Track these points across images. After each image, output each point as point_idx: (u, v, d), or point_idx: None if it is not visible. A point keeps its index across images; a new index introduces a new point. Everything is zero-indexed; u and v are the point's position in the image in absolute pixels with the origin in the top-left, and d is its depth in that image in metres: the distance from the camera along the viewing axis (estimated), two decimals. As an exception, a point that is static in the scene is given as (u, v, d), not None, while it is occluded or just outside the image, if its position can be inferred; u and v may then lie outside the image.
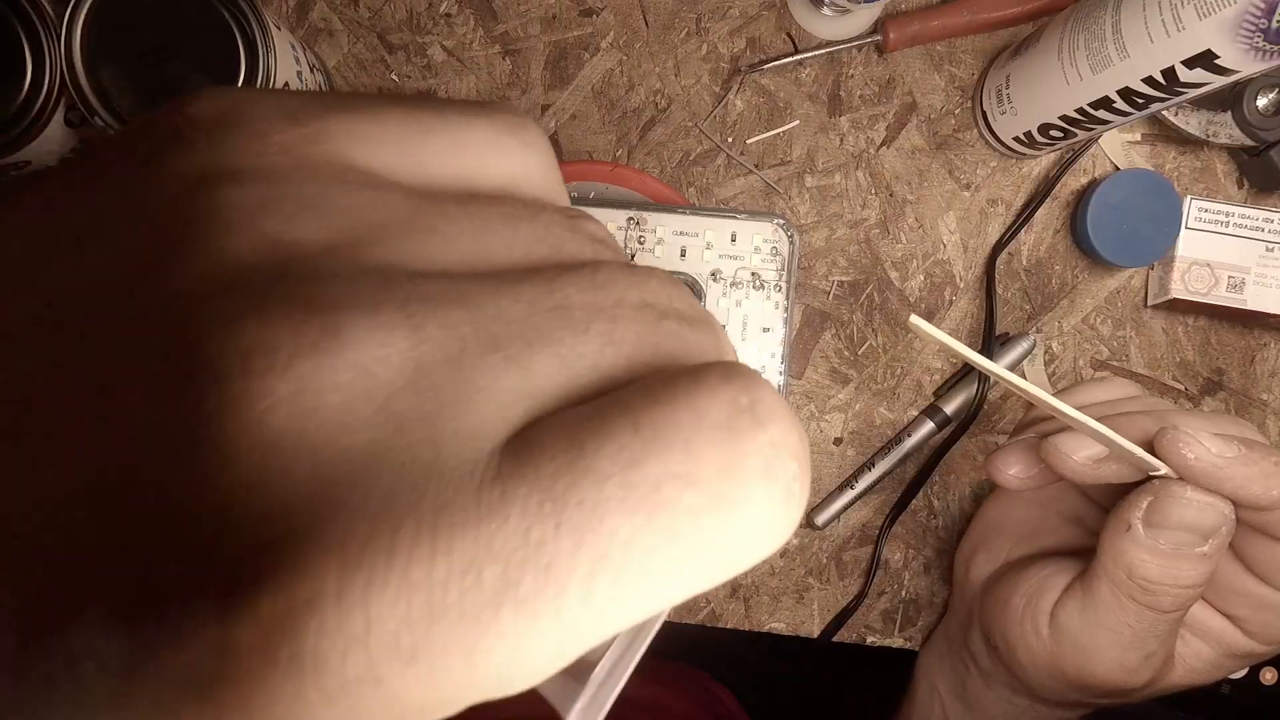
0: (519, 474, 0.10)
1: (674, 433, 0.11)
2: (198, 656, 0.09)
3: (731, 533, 0.11)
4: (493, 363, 0.11)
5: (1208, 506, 0.30)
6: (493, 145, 0.14)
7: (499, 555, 0.10)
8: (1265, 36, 0.32)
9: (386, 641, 0.10)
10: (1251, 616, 0.34)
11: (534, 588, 0.10)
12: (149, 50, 0.35)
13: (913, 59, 0.47)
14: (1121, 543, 0.31)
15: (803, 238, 0.47)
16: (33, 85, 0.34)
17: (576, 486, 0.10)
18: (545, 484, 0.10)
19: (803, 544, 0.48)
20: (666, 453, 0.11)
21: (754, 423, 0.11)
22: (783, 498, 0.11)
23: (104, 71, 0.34)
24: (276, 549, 0.09)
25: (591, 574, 0.10)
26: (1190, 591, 0.31)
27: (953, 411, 0.47)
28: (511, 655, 0.10)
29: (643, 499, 0.11)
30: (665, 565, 0.11)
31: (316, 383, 0.10)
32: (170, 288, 0.10)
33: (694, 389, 0.11)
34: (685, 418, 0.11)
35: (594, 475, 0.10)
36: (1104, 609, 0.32)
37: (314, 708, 0.09)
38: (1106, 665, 0.33)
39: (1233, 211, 0.46)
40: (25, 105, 0.34)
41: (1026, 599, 0.36)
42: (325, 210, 0.11)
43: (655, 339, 0.12)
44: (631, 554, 0.10)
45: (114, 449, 0.10)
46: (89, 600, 0.09)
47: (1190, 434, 0.29)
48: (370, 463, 0.10)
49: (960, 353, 0.27)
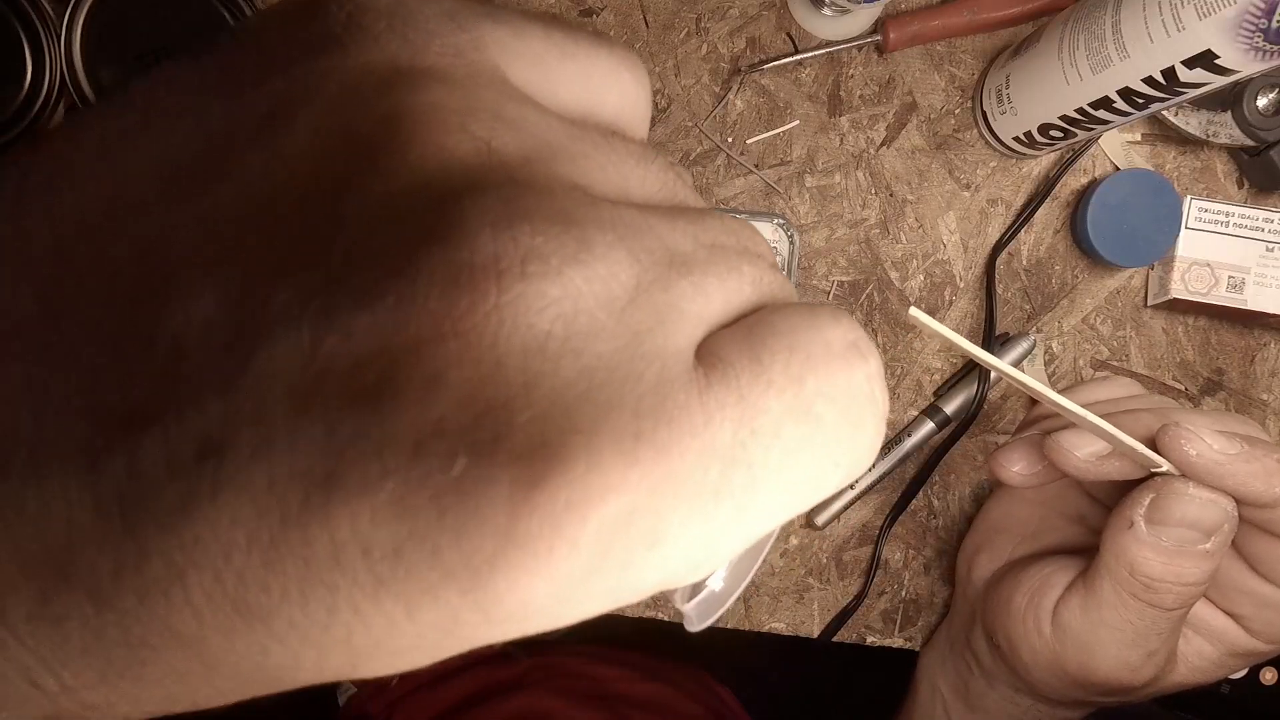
0: (721, 383, 0.11)
1: (815, 359, 0.12)
2: (478, 544, 0.10)
3: (852, 445, 0.12)
4: (684, 287, 0.12)
5: (1210, 503, 0.30)
6: (613, 78, 0.14)
7: (717, 454, 0.11)
8: (1265, 36, 0.32)
9: (644, 528, 0.10)
10: (1254, 615, 0.33)
11: (738, 485, 0.11)
12: (149, 50, 0.35)
13: (913, 59, 0.47)
14: (1124, 540, 0.31)
15: (803, 238, 0.47)
16: (33, 85, 0.34)
17: (764, 395, 0.11)
18: (741, 390, 0.11)
19: (803, 544, 0.48)
20: (817, 372, 0.12)
21: (860, 356, 0.13)
22: (878, 420, 0.13)
23: (104, 71, 0.34)
24: (563, 444, 0.10)
25: (766, 475, 0.11)
26: (1193, 589, 0.31)
27: (953, 411, 0.47)
28: (711, 539, 0.11)
29: (804, 411, 0.12)
30: (805, 472, 0.12)
31: (576, 290, 0.10)
32: (395, 185, 0.11)
33: (816, 323, 0.12)
34: (818, 347, 0.12)
35: (775, 388, 0.11)
36: (1106, 607, 0.32)
37: (574, 588, 0.10)
38: (1109, 663, 0.33)
39: (1233, 211, 0.46)
40: (25, 105, 0.34)
41: (1029, 597, 0.36)
42: (512, 123, 0.12)
43: (770, 281, 0.13)
44: (790, 459, 0.12)
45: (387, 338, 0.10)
46: (371, 485, 0.10)
47: (1193, 430, 0.29)
48: (619, 368, 0.11)
49: (961, 346, 0.27)
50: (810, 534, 0.48)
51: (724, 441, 0.11)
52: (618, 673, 0.55)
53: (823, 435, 0.12)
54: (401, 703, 0.55)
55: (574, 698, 0.52)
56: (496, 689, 0.54)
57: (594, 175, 0.12)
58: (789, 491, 0.12)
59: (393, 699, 0.56)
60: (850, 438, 0.12)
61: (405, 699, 0.56)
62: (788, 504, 0.12)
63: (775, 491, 0.12)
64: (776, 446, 0.11)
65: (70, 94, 0.35)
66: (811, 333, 0.12)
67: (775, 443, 0.11)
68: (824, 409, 0.12)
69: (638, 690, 0.54)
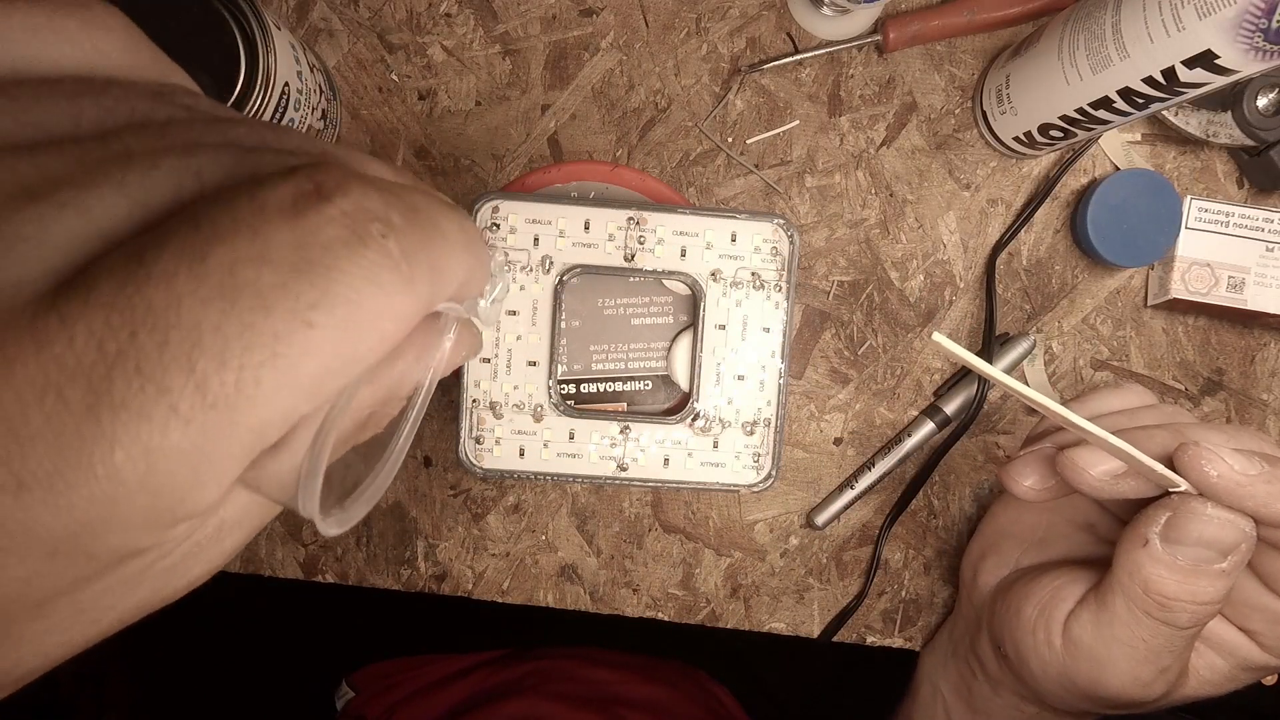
0: (77, 298, 0.11)
1: (236, 223, 0.12)
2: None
3: (337, 301, 0.12)
4: (34, 212, 0.12)
5: (1228, 523, 0.29)
6: (44, 31, 0.14)
7: (75, 373, 0.11)
8: (1265, 36, 0.32)
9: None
10: (1268, 631, 0.33)
11: (129, 390, 0.11)
12: (149, 50, 0.34)
13: (913, 59, 0.47)
14: (1138, 557, 0.31)
15: (803, 238, 0.47)
16: (32, 85, 0.34)
17: (142, 292, 0.11)
18: (108, 299, 0.11)
19: (803, 544, 0.48)
20: (232, 240, 0.11)
21: (321, 199, 0.12)
22: (377, 255, 0.12)
23: (104, 71, 0.34)
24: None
25: (192, 363, 0.11)
26: (1208, 608, 0.31)
27: (953, 411, 0.47)
28: (136, 455, 0.11)
29: (219, 284, 0.11)
30: (276, 338, 0.12)
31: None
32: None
33: (254, 187, 0.12)
34: (245, 209, 0.12)
35: (158, 277, 0.11)
36: (1119, 623, 0.32)
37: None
38: (1120, 679, 0.33)
39: (1233, 211, 0.46)
40: (25, 105, 0.34)
41: (1039, 609, 0.35)
42: None
43: (248, 166, 0.13)
44: (228, 334, 0.11)
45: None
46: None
47: (1213, 450, 0.29)
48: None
49: (985, 371, 0.26)
50: (810, 534, 0.48)
51: (84, 359, 0.11)
52: (615, 675, 0.55)
53: (259, 300, 0.12)
54: (399, 707, 0.55)
55: (572, 701, 0.52)
56: (494, 693, 0.54)
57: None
58: (250, 368, 0.12)
59: (391, 703, 0.56)
60: (319, 293, 0.12)
61: (403, 703, 0.55)
62: (271, 378, 0.12)
63: (219, 377, 0.11)
64: (176, 339, 0.11)
65: (70, 94, 0.35)
66: (236, 200, 0.12)
67: (176, 334, 0.11)
68: (253, 273, 0.12)
69: (635, 692, 0.54)
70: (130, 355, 0.11)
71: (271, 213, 0.12)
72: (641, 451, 0.37)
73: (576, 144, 0.46)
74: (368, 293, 0.12)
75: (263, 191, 0.12)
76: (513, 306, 0.36)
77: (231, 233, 0.12)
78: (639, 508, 0.47)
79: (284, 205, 0.12)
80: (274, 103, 0.37)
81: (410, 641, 0.61)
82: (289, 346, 0.12)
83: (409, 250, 0.13)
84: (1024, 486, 0.34)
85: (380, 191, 0.13)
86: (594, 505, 0.47)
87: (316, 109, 0.41)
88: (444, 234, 0.14)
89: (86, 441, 0.11)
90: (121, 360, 0.11)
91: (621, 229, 0.36)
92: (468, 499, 0.47)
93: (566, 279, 0.35)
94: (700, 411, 0.36)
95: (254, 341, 0.11)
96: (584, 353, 0.37)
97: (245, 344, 0.11)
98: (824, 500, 0.48)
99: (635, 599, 0.47)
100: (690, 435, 0.36)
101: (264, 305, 0.11)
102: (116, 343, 0.11)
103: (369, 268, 0.12)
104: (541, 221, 0.35)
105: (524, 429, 0.36)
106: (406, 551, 0.47)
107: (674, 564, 0.47)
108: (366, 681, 0.59)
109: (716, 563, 0.48)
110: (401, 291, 0.13)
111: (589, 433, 0.36)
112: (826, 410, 0.48)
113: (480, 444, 0.36)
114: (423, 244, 0.13)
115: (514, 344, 0.36)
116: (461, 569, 0.47)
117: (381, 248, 0.13)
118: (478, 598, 0.47)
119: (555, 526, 0.47)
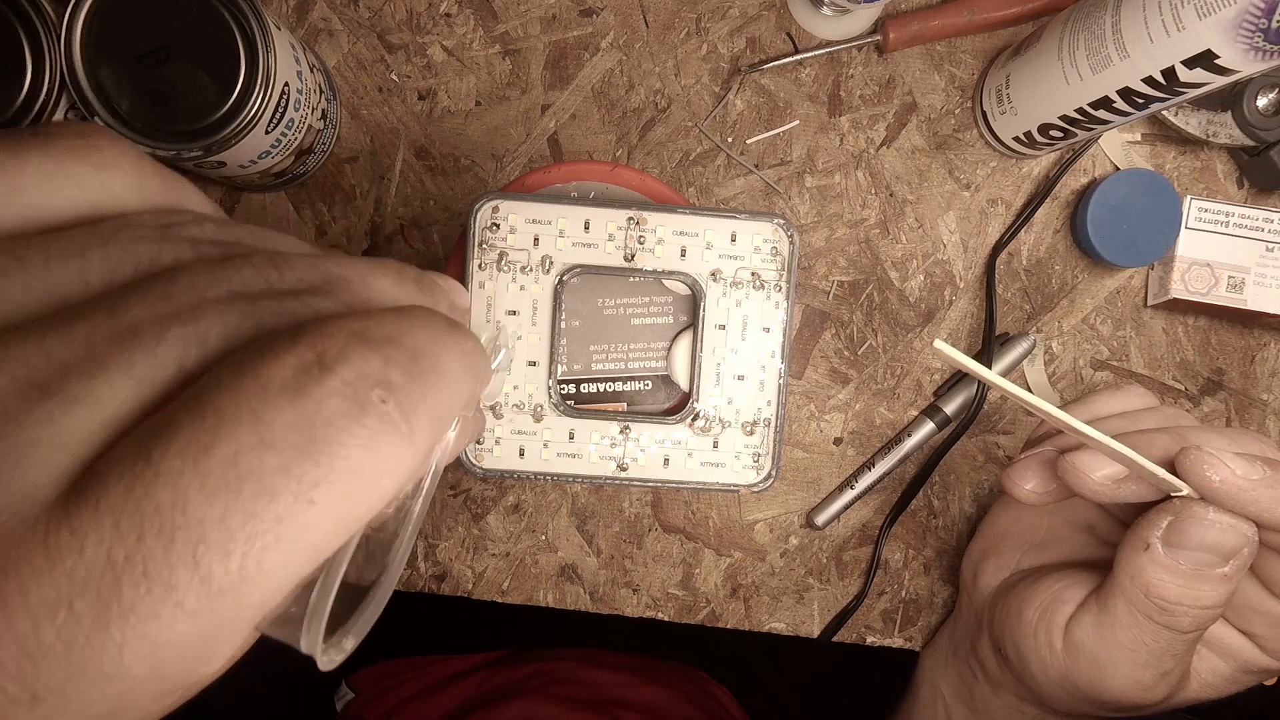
0: (86, 505, 0.11)
1: (239, 409, 0.12)
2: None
3: (339, 475, 0.12)
4: (45, 412, 0.11)
5: (1230, 528, 0.29)
6: (56, 177, 0.14)
7: (85, 585, 0.11)
8: (1265, 36, 0.32)
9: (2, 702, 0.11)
10: (1269, 634, 0.33)
11: (137, 594, 0.11)
12: (149, 50, 0.34)
13: (913, 59, 0.47)
14: (1140, 561, 0.31)
15: (803, 238, 0.47)
16: (33, 85, 0.34)
17: (149, 494, 0.11)
18: (117, 503, 0.11)
19: (803, 544, 0.48)
20: (235, 429, 0.12)
21: (323, 372, 0.12)
22: (377, 422, 0.12)
23: (104, 71, 0.34)
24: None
25: (197, 559, 0.11)
26: (1210, 612, 0.30)
27: (953, 411, 0.47)
28: (145, 653, 0.11)
29: (223, 478, 0.11)
30: (278, 521, 0.12)
31: None
32: None
33: (258, 360, 0.12)
34: (249, 390, 0.12)
35: (165, 475, 0.11)
36: (1120, 627, 0.32)
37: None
38: (1122, 682, 0.33)
39: (1233, 211, 0.46)
40: (25, 105, 0.34)
41: (1040, 612, 0.35)
42: None
43: (255, 320, 0.13)
44: (232, 526, 0.11)
45: None
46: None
47: (1215, 455, 0.29)
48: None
49: (990, 379, 0.26)
50: (810, 534, 0.48)
51: (93, 569, 0.11)
52: (615, 677, 0.55)
53: (264, 486, 0.12)
54: (399, 709, 0.55)
55: (571, 704, 0.52)
56: (494, 695, 0.54)
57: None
58: (254, 556, 0.12)
59: (390, 705, 0.56)
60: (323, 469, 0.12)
61: (403, 705, 0.55)
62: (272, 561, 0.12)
63: (223, 568, 0.11)
64: (182, 538, 0.11)
65: (70, 94, 0.35)
66: (240, 379, 0.12)
67: (182, 534, 0.11)
68: (256, 461, 0.12)
69: (634, 694, 0.54)
70: (137, 560, 0.11)
71: (274, 392, 0.12)
72: (641, 451, 0.37)
73: (576, 144, 0.46)
74: (369, 460, 0.12)
75: (266, 368, 0.12)
76: (513, 306, 0.36)
77: (234, 420, 0.12)
78: (639, 508, 0.47)
79: (286, 383, 0.12)
80: (274, 103, 0.37)
81: (410, 641, 0.61)
82: (291, 527, 0.12)
83: (409, 409, 0.13)
84: (1025, 490, 0.34)
85: (379, 352, 0.13)
86: (594, 505, 0.47)
87: (316, 109, 0.41)
88: (445, 375, 0.14)
89: (96, 651, 0.11)
90: (129, 566, 0.11)
91: (621, 229, 0.36)
92: (467, 499, 0.47)
93: (566, 279, 0.35)
94: (700, 411, 0.36)
95: (257, 529, 0.12)
96: (584, 353, 0.37)
97: (249, 533, 0.12)
98: (824, 500, 0.48)
99: (635, 599, 0.47)
100: (690, 435, 0.36)
101: (267, 492, 0.12)
102: (124, 549, 0.11)
103: (369, 437, 0.12)
104: (541, 221, 0.35)
105: (524, 429, 0.36)
106: (406, 552, 0.47)
107: (674, 564, 0.47)
108: (366, 683, 0.59)
109: (716, 563, 0.48)
110: (402, 449, 0.13)
111: (589, 433, 0.36)
112: (826, 410, 0.48)
113: (480, 444, 0.36)
114: (423, 397, 0.13)
115: (514, 344, 0.36)
116: (461, 569, 0.47)
117: (382, 414, 0.13)
118: (478, 598, 0.47)
119: (555, 526, 0.47)
